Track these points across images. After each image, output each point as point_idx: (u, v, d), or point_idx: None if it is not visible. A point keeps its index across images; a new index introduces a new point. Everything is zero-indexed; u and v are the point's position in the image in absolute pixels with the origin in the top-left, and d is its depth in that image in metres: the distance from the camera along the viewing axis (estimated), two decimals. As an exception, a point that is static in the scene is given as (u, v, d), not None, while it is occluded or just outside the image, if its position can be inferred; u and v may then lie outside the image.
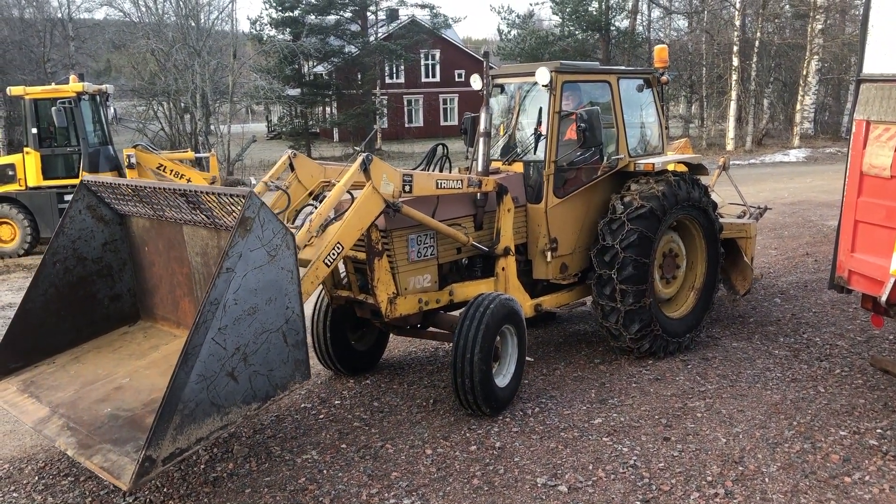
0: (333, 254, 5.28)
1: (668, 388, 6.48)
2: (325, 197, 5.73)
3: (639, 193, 6.85)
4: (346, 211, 5.51)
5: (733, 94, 31.33)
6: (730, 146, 31.34)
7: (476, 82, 6.99)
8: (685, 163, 7.73)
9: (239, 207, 4.44)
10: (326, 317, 6.74)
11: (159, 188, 5.12)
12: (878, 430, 5.53)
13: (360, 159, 5.52)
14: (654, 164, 7.05)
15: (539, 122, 6.91)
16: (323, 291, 6.65)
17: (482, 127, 6.66)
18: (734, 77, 31.15)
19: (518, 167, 6.99)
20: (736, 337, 7.77)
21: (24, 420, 4.97)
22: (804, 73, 31.25)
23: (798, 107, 32.05)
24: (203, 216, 4.98)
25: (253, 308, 4.44)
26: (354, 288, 6.26)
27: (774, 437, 5.49)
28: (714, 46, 35.07)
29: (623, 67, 7.75)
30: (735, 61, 31.02)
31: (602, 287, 6.83)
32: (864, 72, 5.72)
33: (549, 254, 6.87)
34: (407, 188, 5.82)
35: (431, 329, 6.67)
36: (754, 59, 31.76)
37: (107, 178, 5.69)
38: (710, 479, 4.94)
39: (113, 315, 5.91)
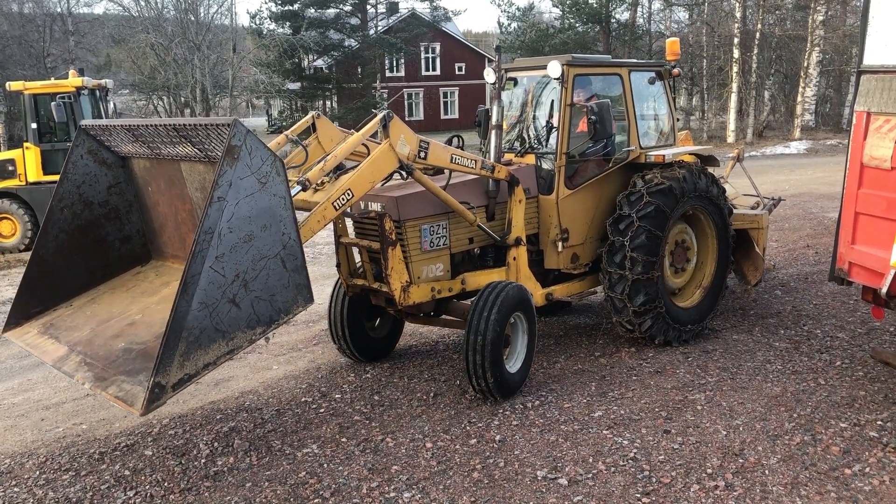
0: (343, 199, 5.38)
1: (669, 380, 6.48)
2: (344, 169, 5.89)
3: (660, 173, 6.98)
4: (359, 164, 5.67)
5: (734, 87, 31.23)
6: (730, 138, 31.25)
7: (490, 75, 7.08)
8: (696, 154, 7.77)
9: (225, 136, 4.44)
10: (343, 305, 6.88)
11: (152, 125, 5.19)
12: (879, 422, 5.53)
13: (380, 115, 5.65)
14: (664, 155, 7.12)
15: (551, 115, 7.02)
16: (340, 281, 6.77)
17: (494, 120, 6.77)
18: (735, 69, 31.05)
19: (530, 159, 7.08)
20: (736, 329, 7.77)
21: (44, 359, 5.17)
22: (805, 64, 31.15)
23: (799, 99, 31.94)
24: (196, 149, 5.01)
25: (248, 235, 4.50)
26: (369, 276, 6.39)
27: (775, 430, 5.49)
28: (715, 38, 34.96)
29: (634, 60, 7.84)
30: (736, 53, 30.91)
31: (613, 255, 6.90)
32: (864, 63, 5.70)
33: (560, 244, 6.97)
34: (422, 154, 5.91)
35: (444, 317, 6.78)
36: (755, 51, 31.64)
37: (102, 121, 5.76)
38: (710, 471, 4.94)
39: (125, 256, 6.03)
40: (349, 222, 6.50)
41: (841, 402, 5.92)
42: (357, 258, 6.63)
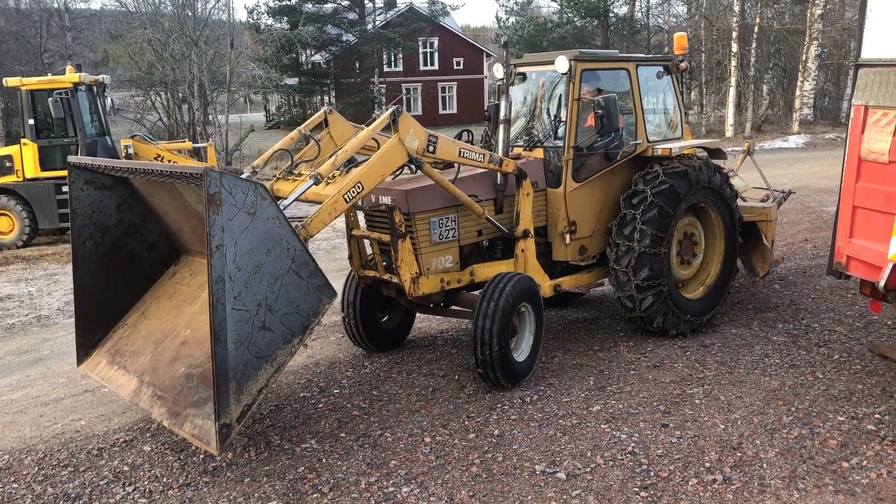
0: (353, 192, 5.48)
1: (667, 374, 6.49)
2: (355, 163, 6.00)
3: (677, 159, 7.16)
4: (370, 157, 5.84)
5: (732, 81, 31.20)
6: (729, 132, 31.23)
7: (498, 70, 7.19)
8: (703, 148, 7.85)
9: (201, 187, 4.51)
10: (356, 297, 7.00)
11: (134, 169, 5.39)
12: (876, 416, 5.54)
13: (390, 110, 5.79)
14: (671, 149, 7.20)
15: (559, 109, 7.15)
16: (352, 273, 6.91)
17: (502, 114, 6.89)
18: (733, 63, 31.01)
19: (538, 153, 7.18)
20: (734, 323, 7.77)
21: (120, 394, 5.64)
22: (803, 58, 31.11)
23: (797, 93, 31.91)
24: (182, 182, 5.12)
25: (257, 266, 4.66)
26: (380, 268, 6.50)
27: (773, 423, 5.50)
28: (713, 32, 34.89)
29: (642, 55, 7.97)
30: (734, 47, 30.86)
31: (623, 227, 7.00)
32: (862, 56, 5.69)
33: (567, 236, 7.08)
34: (431, 148, 6.02)
35: (454, 307, 6.90)
36: (753, 45, 31.59)
37: (87, 159, 5.87)
38: (708, 465, 4.95)
39: (157, 262, 6.30)
40: (360, 215, 6.62)
41: (839, 395, 5.93)
42: (368, 250, 6.76)
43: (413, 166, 5.96)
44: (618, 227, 7.04)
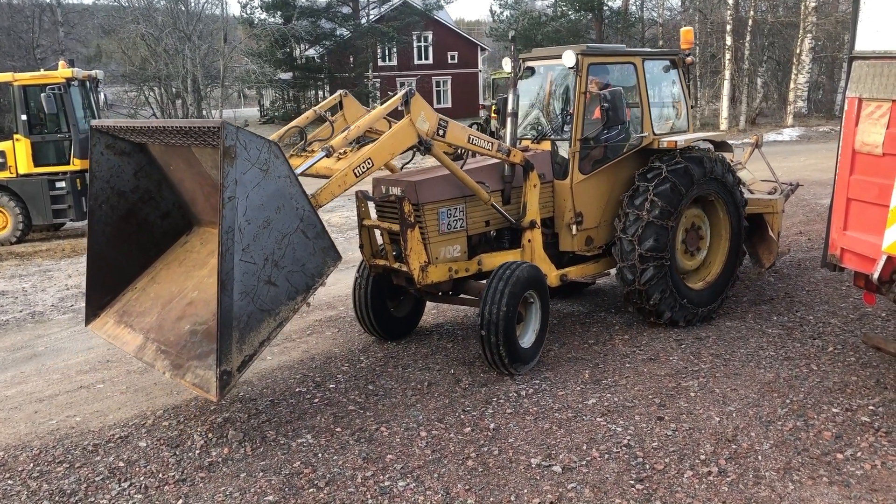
0: (363, 167, 5.67)
1: (662, 367, 6.50)
2: (365, 142, 6.21)
3: (694, 149, 7.38)
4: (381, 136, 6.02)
5: (727, 74, 31.21)
6: (723, 126, 31.25)
7: (507, 65, 7.35)
8: (710, 140, 7.96)
9: (217, 139, 4.66)
10: (368, 286, 7.15)
11: (153, 127, 5.55)
12: (871, 407, 5.56)
13: (403, 91, 5.97)
14: (676, 141, 7.29)
15: (566, 103, 7.31)
16: (364, 263, 7.07)
17: (510, 108, 7.06)
18: (727, 56, 31.03)
19: (546, 145, 7.31)
20: (729, 316, 7.79)
21: (125, 350, 5.86)
22: (798, 51, 31.14)
23: (792, 85, 31.93)
24: (198, 141, 5.24)
25: (266, 221, 4.83)
26: (390, 257, 6.66)
27: (768, 416, 5.51)
28: (707, 25, 34.91)
29: (648, 49, 8.11)
30: (728, 40, 30.88)
31: (634, 199, 7.11)
32: (856, 49, 5.69)
33: (574, 227, 7.21)
34: (441, 132, 6.18)
35: (462, 296, 7.07)
36: (748, 38, 31.60)
37: (108, 121, 5.99)
38: (703, 457, 4.97)
39: (169, 231, 6.47)
40: (371, 205, 6.72)
41: (833, 387, 5.95)
42: (379, 240, 6.90)
43: (422, 149, 6.07)
44: (629, 199, 7.15)
